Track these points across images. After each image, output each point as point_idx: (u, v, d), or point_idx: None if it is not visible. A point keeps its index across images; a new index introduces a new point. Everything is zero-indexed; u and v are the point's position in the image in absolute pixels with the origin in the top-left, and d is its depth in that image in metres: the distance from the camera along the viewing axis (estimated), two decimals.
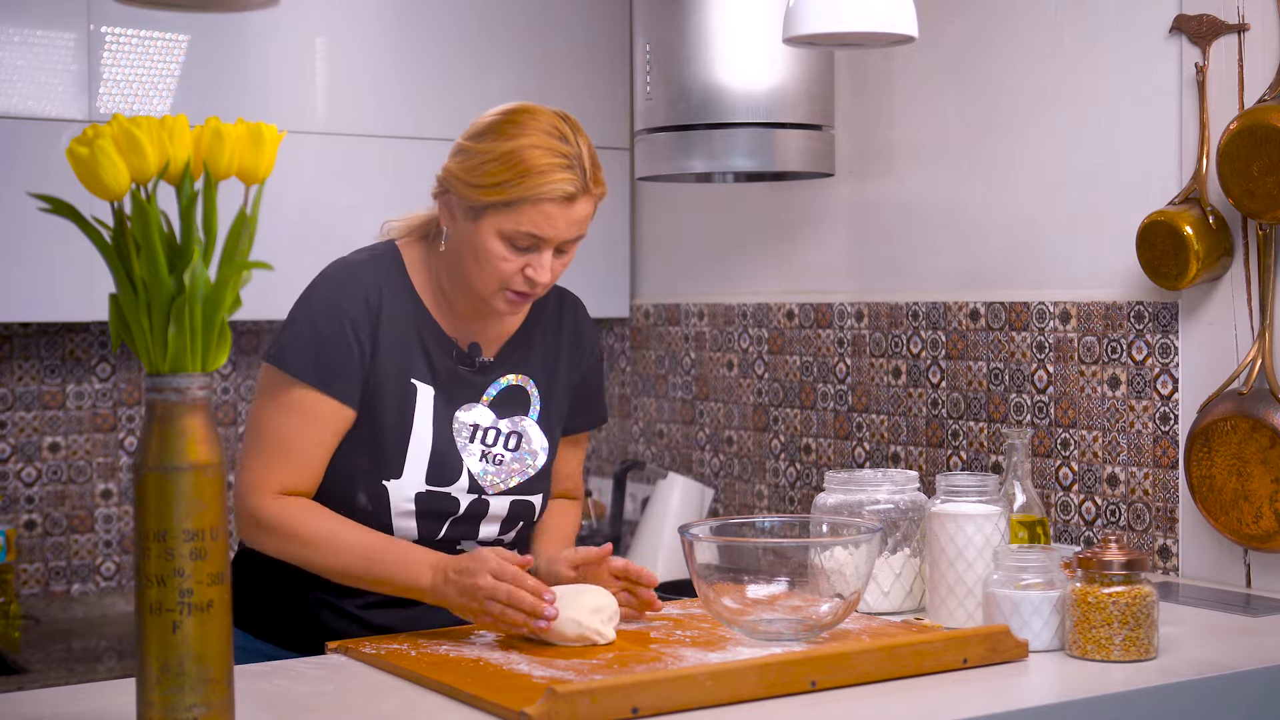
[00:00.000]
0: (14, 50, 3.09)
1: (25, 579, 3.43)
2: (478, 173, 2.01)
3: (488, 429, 2.15)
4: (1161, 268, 2.50)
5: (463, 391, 2.14)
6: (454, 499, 2.12)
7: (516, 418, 2.18)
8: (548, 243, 2.03)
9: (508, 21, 3.59)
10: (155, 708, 1.45)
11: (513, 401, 2.18)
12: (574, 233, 2.05)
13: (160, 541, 1.45)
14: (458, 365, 2.14)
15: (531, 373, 2.20)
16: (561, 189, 2.00)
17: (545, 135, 2.01)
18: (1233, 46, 2.49)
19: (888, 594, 2.25)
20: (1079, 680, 1.86)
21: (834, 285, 3.28)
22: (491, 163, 2.01)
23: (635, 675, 1.71)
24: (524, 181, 1.99)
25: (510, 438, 2.17)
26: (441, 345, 2.13)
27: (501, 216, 2.01)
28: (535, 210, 2.00)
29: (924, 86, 3.06)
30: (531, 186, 1.99)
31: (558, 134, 2.01)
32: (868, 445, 3.17)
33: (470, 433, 2.13)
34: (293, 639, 2.13)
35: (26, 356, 3.43)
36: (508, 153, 2.00)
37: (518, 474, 2.17)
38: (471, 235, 2.04)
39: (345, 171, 3.40)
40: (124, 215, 1.47)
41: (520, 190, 1.99)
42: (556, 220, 2.01)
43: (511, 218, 2.01)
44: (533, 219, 2.00)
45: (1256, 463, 2.40)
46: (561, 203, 2.01)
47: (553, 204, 2.00)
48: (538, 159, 1.99)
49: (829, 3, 2.28)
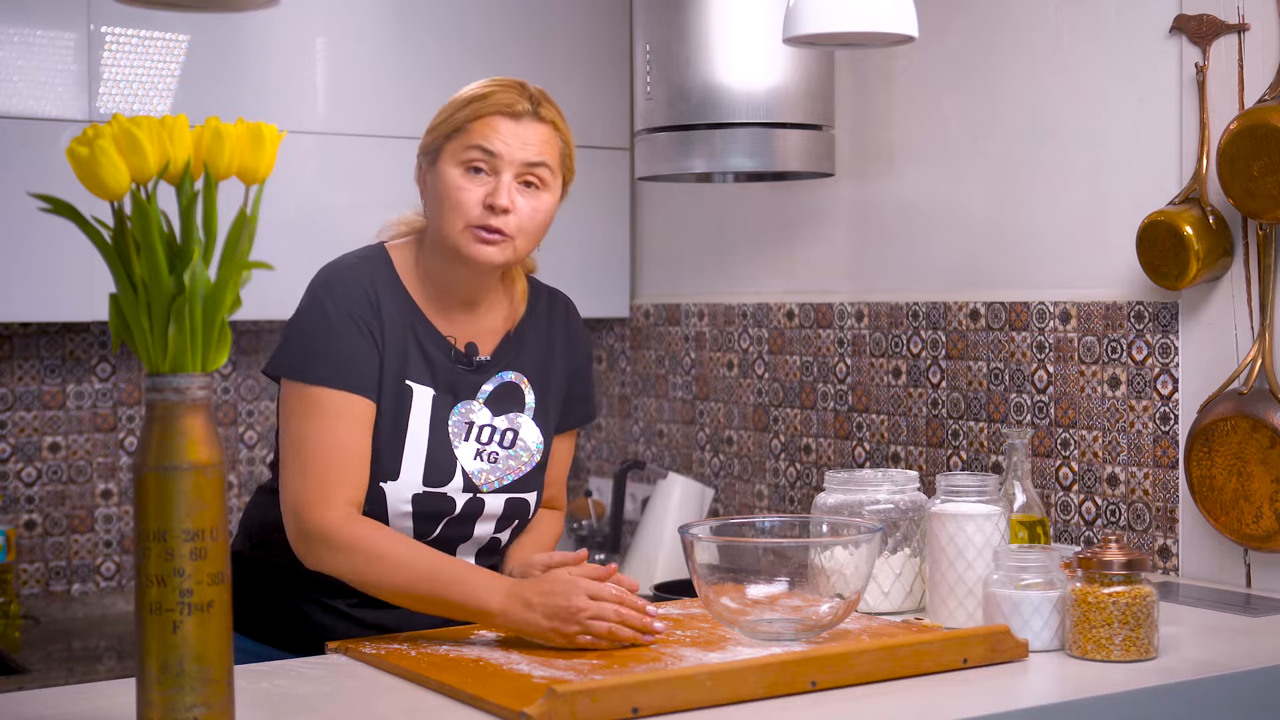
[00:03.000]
0: (14, 50, 3.09)
1: (25, 579, 3.43)
2: (432, 123, 2.12)
3: (483, 426, 2.15)
4: (1161, 268, 2.50)
5: (459, 390, 2.14)
6: (450, 499, 2.12)
7: (512, 414, 2.18)
8: (501, 161, 2.06)
9: (508, 22, 3.59)
10: (155, 708, 1.45)
11: (508, 398, 2.18)
12: (528, 154, 2.07)
13: (160, 541, 1.45)
14: (455, 364, 2.14)
15: (525, 370, 2.20)
16: (503, 101, 2.07)
17: (496, 80, 2.11)
18: (1233, 46, 2.49)
19: (888, 594, 2.25)
20: (1079, 680, 1.86)
21: (834, 285, 3.28)
22: (444, 110, 2.11)
23: (635, 675, 1.71)
24: (468, 106, 2.08)
25: (506, 434, 2.17)
26: (437, 345, 2.13)
27: (453, 146, 2.08)
28: (482, 125, 2.06)
29: (924, 86, 3.06)
30: (476, 107, 2.08)
31: (514, 82, 2.11)
32: (868, 445, 3.17)
33: (465, 430, 2.13)
34: (286, 639, 2.13)
35: (26, 356, 3.43)
36: (456, 96, 2.12)
37: (513, 471, 2.17)
38: (435, 182, 2.09)
39: (345, 171, 3.40)
40: (124, 215, 1.47)
41: (466, 112, 2.08)
42: (505, 134, 2.06)
43: (461, 141, 2.07)
44: (481, 132, 2.06)
45: (1256, 463, 2.40)
46: (506, 117, 2.07)
47: (498, 118, 2.07)
48: (481, 88, 2.10)
49: (829, 3, 2.29)
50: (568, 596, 1.92)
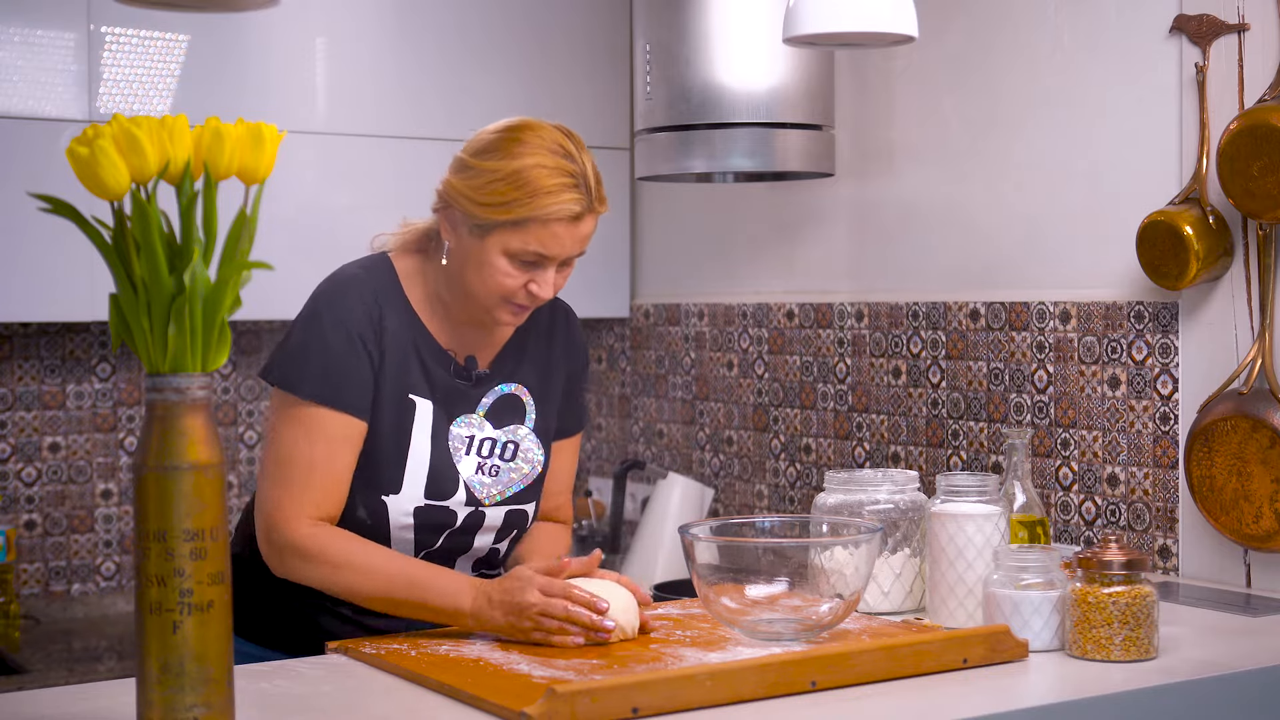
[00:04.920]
0: (14, 50, 3.09)
1: (25, 579, 3.43)
2: (484, 191, 2.01)
3: (484, 440, 2.15)
4: (1161, 268, 2.50)
5: (459, 403, 2.14)
6: (451, 511, 2.12)
7: (512, 427, 2.18)
8: (553, 260, 2.04)
9: (508, 21, 3.59)
10: (155, 708, 1.45)
11: (509, 410, 2.18)
12: (578, 249, 2.06)
13: (160, 541, 1.45)
14: (454, 378, 2.14)
15: (526, 381, 2.20)
16: (569, 209, 2.01)
17: (550, 154, 2.01)
18: (1233, 46, 2.49)
19: (888, 594, 2.25)
20: (1079, 680, 1.86)
21: (834, 285, 3.28)
22: (498, 182, 2.01)
23: (635, 675, 1.71)
24: (532, 201, 1.99)
25: (506, 447, 2.17)
26: (438, 358, 2.13)
27: (508, 235, 2.02)
28: (543, 229, 2.01)
29: (924, 86, 3.06)
30: (539, 207, 2.00)
31: (562, 152, 2.02)
32: (868, 445, 3.17)
33: (466, 444, 2.13)
34: (290, 643, 2.12)
35: (26, 356, 3.43)
36: (514, 172, 2.00)
37: (516, 483, 2.17)
38: (477, 251, 2.04)
39: (345, 171, 3.40)
40: (124, 215, 1.47)
41: (528, 210, 2.00)
42: (563, 238, 2.02)
43: (519, 237, 2.01)
44: (540, 238, 2.01)
45: (1256, 463, 2.40)
46: (568, 222, 2.02)
47: (560, 223, 2.01)
48: (545, 179, 1.99)
49: (829, 3, 2.29)
50: (521, 593, 1.93)
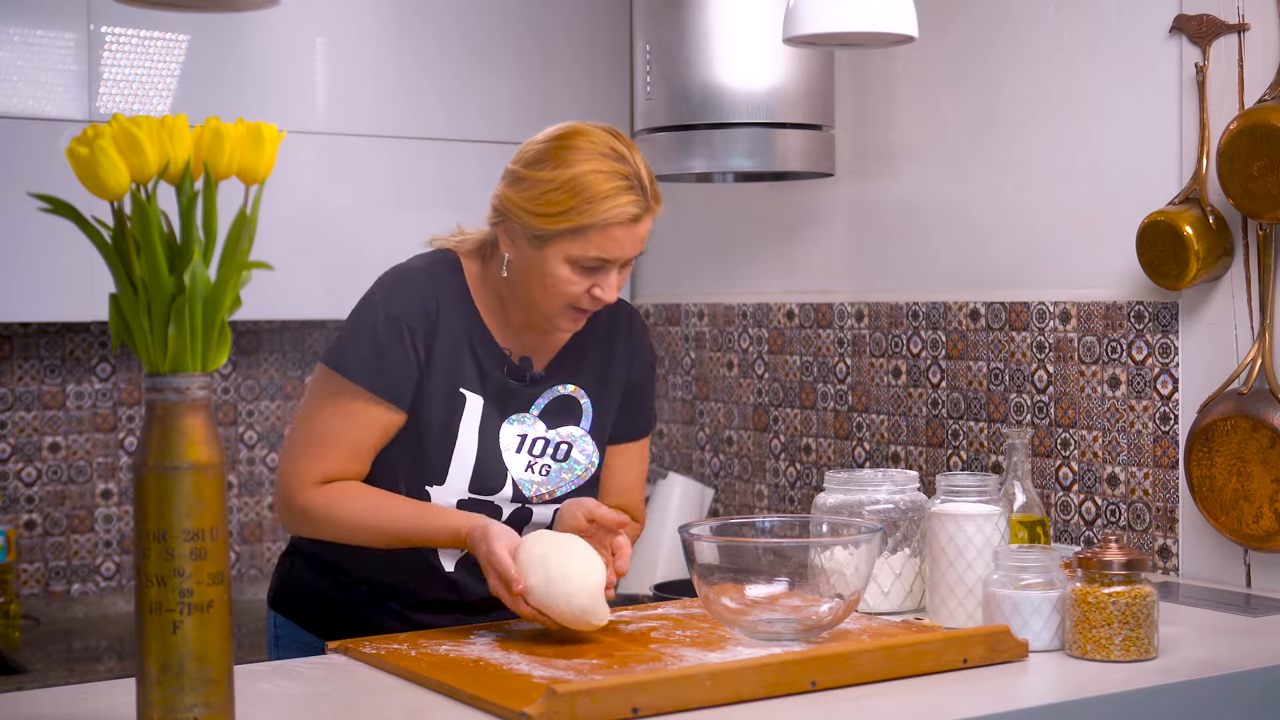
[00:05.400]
0: (14, 50, 3.09)
1: (25, 579, 3.43)
2: (541, 202, 2.02)
3: (536, 439, 2.16)
4: (1161, 268, 2.50)
5: (512, 403, 2.15)
6: (496, 507, 2.14)
7: (567, 428, 2.19)
8: (614, 263, 2.06)
9: (508, 21, 3.59)
10: (155, 708, 1.45)
11: (564, 411, 2.19)
12: (638, 250, 2.07)
13: (160, 541, 1.45)
14: (508, 378, 2.15)
15: (583, 383, 2.21)
16: (628, 212, 2.02)
17: (603, 158, 2.02)
18: (1233, 46, 2.49)
19: (888, 594, 2.25)
20: (1079, 680, 1.86)
21: (834, 285, 3.28)
22: (554, 191, 2.01)
23: (635, 675, 1.71)
24: (591, 208, 2.00)
25: (560, 448, 2.18)
26: (493, 357, 2.14)
27: (569, 243, 2.03)
28: (602, 235, 2.02)
29: (924, 86, 3.06)
30: (599, 213, 2.01)
31: (615, 155, 2.03)
32: (868, 445, 3.17)
33: (518, 443, 2.15)
34: (338, 632, 2.15)
35: (26, 356, 3.43)
36: (570, 180, 2.01)
37: (567, 483, 2.18)
38: (537, 261, 2.05)
39: (345, 171, 3.40)
40: (124, 215, 1.47)
41: (588, 217, 2.01)
42: (623, 241, 2.04)
43: (579, 244, 2.02)
44: (600, 243, 2.02)
45: (1256, 463, 2.40)
46: (628, 224, 2.03)
47: (619, 227, 2.02)
48: (601, 184, 2.00)
49: (829, 3, 2.28)
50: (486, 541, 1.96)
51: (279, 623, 2.26)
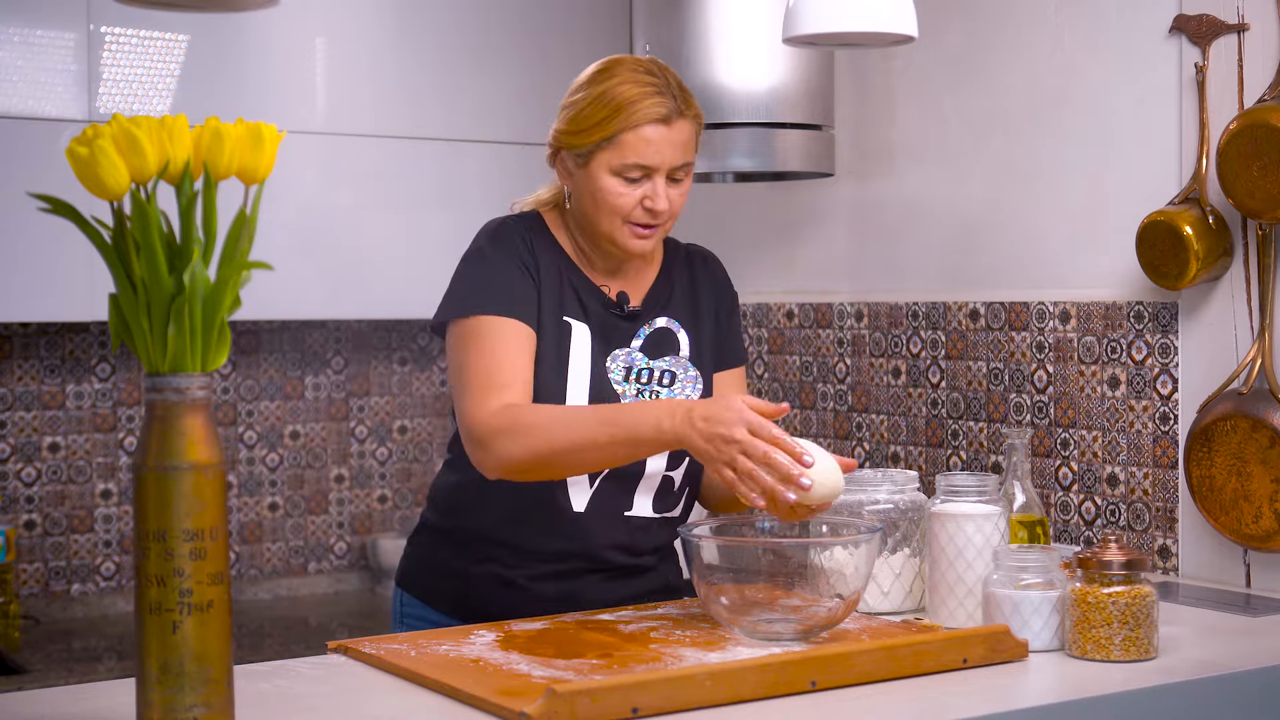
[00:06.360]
0: (14, 50, 3.09)
1: (25, 579, 3.43)
2: (578, 120, 2.14)
3: (641, 369, 2.22)
4: (1161, 268, 2.50)
5: (614, 336, 2.22)
6: None
7: (669, 357, 2.25)
8: (656, 170, 2.12)
9: (507, 22, 3.59)
10: (155, 708, 1.45)
11: (663, 343, 2.25)
12: (679, 157, 2.14)
13: (160, 541, 1.45)
14: (608, 311, 2.21)
15: (676, 315, 2.27)
16: (655, 111, 2.11)
17: (632, 72, 2.13)
18: (1233, 46, 2.49)
19: (888, 594, 2.25)
20: (1079, 680, 1.86)
21: (834, 285, 3.28)
22: (588, 106, 2.13)
23: (635, 675, 1.71)
24: (620, 113, 2.11)
25: (665, 375, 2.23)
26: (591, 292, 2.22)
27: (608, 153, 2.12)
28: (636, 138, 2.10)
29: (924, 86, 3.06)
30: (628, 116, 2.10)
31: (644, 69, 2.14)
32: (868, 445, 3.17)
33: (624, 372, 2.21)
34: (462, 608, 2.20)
35: (26, 356, 3.43)
36: (600, 94, 2.12)
37: None
38: (587, 181, 2.14)
39: (345, 171, 3.40)
40: (124, 215, 1.47)
41: (618, 122, 2.10)
42: (658, 145, 2.11)
43: (617, 152, 2.11)
44: (635, 147, 2.11)
45: (1256, 463, 2.40)
46: (658, 125, 2.11)
47: (651, 127, 2.10)
48: (628, 91, 2.11)
49: (829, 3, 2.29)
50: (729, 425, 1.91)
51: (405, 601, 2.30)
